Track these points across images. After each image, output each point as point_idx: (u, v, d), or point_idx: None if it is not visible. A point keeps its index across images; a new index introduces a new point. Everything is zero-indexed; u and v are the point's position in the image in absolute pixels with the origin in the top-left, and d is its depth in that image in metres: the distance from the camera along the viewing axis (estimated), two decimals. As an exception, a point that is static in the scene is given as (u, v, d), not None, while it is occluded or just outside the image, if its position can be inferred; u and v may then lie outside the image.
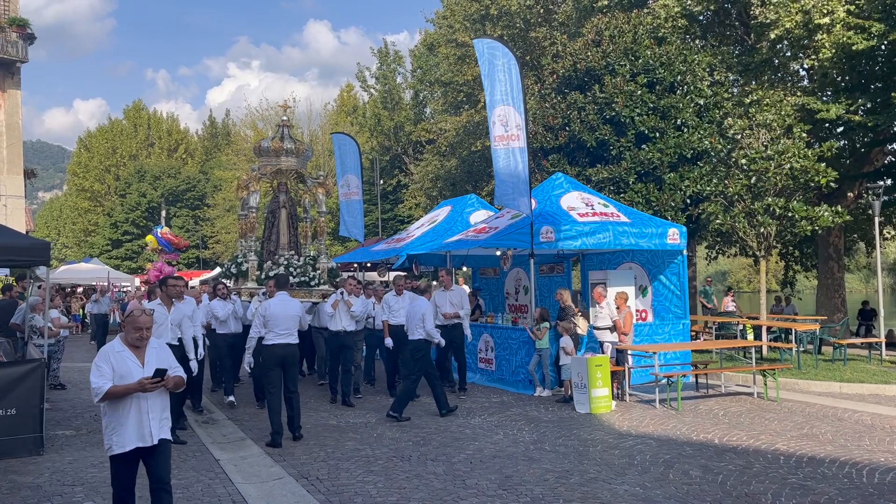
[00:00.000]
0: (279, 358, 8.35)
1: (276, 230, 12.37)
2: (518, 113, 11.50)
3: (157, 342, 4.87)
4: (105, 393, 4.47)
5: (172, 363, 4.79)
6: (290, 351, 8.44)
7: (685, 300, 12.88)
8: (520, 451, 7.76)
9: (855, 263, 33.95)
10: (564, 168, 16.18)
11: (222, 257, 50.28)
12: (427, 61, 37.31)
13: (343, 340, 10.62)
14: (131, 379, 4.53)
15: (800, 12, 16.09)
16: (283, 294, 8.73)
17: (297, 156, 12.45)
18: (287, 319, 8.41)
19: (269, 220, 12.53)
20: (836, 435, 8.41)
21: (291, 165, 12.33)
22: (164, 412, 4.72)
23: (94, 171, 64.32)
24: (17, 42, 25.43)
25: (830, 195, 18.39)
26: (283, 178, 12.46)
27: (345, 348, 10.62)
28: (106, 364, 4.56)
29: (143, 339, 4.67)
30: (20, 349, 10.73)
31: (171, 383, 4.64)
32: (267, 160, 12.36)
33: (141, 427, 4.58)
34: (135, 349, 4.67)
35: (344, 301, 10.64)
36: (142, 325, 4.65)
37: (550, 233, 11.51)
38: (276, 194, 12.62)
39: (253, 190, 11.98)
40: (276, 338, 8.36)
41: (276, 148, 12.26)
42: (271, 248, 12.28)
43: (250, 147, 47.97)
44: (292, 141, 12.40)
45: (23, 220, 27.63)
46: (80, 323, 25.80)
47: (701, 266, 32.34)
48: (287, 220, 12.43)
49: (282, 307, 8.46)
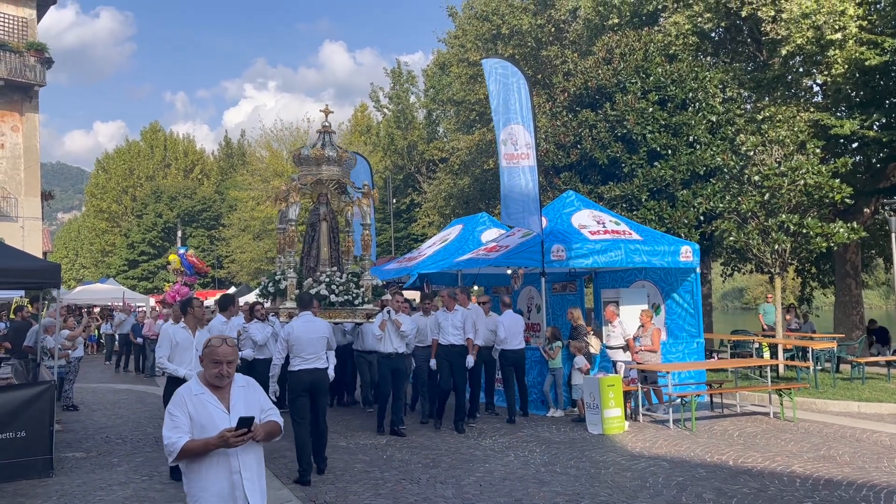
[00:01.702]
0: (306, 385, 7.70)
1: (316, 244, 11.36)
2: (528, 131, 11.50)
3: (246, 379, 3.82)
4: (180, 450, 3.44)
5: (265, 405, 3.77)
6: (318, 377, 7.78)
7: (699, 318, 12.74)
8: (530, 473, 7.66)
9: (874, 279, 33.54)
10: (577, 186, 16.13)
11: (237, 277, 50.50)
12: (440, 81, 37.49)
13: (396, 364, 9.86)
14: (214, 430, 3.49)
15: (811, 28, 16.01)
16: (307, 314, 8.06)
17: (340, 164, 11.39)
18: (313, 342, 7.77)
19: (308, 233, 11.54)
20: (854, 457, 8.24)
21: (334, 175, 11.25)
22: (260, 471, 3.66)
23: (112, 193, 65.04)
24: (35, 66, 25.85)
25: (846, 211, 18.18)
26: (324, 188, 11.44)
27: (398, 372, 9.88)
28: (181, 411, 3.55)
29: (225, 376, 3.65)
30: (32, 371, 10.78)
31: (262, 433, 3.56)
32: (307, 169, 11.30)
33: (233, 492, 3.52)
34: (216, 390, 3.65)
35: (392, 321, 9.82)
36: (222, 359, 3.63)
37: (562, 251, 11.45)
38: (317, 206, 11.56)
39: (292, 201, 10.93)
40: (302, 363, 7.73)
41: (317, 156, 11.15)
42: (311, 265, 11.28)
43: (265, 167, 48.38)
44: (334, 148, 11.36)
45: (40, 241, 27.93)
46: (96, 343, 25.93)
47: (717, 283, 32.06)
48: (328, 233, 11.42)
49: (307, 329, 7.82)
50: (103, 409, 12.69)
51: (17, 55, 25.54)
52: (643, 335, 11.24)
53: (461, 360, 10.40)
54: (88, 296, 31.82)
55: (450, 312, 10.52)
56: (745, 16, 17.47)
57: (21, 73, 25.52)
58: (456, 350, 10.31)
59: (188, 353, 7.50)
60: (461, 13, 31.93)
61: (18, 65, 25.49)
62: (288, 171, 47.30)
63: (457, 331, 10.38)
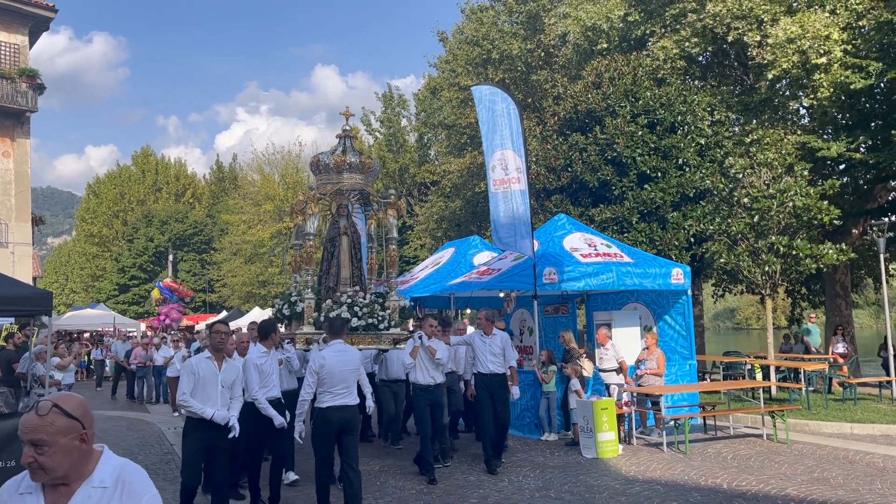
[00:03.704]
0: (336, 425, 6.73)
1: (336, 262, 10.12)
2: (518, 156, 11.58)
3: (118, 480, 2.36)
4: None
5: None
6: (349, 415, 6.81)
7: (691, 340, 12.79)
8: (525, 498, 7.63)
9: (864, 299, 33.74)
10: (567, 208, 16.23)
11: (229, 301, 50.30)
12: (431, 104, 37.79)
13: (434, 396, 8.78)
14: None
15: (797, 53, 16.26)
16: (338, 343, 7.02)
17: (363, 172, 10.09)
18: (346, 375, 6.79)
19: (327, 249, 10.22)
20: (848, 479, 8.25)
21: (357, 183, 10.04)
22: None
23: (103, 217, 64.90)
24: (27, 92, 25.88)
25: (835, 232, 18.34)
26: (345, 199, 10.25)
27: (437, 407, 8.84)
28: None
29: (35, 468, 2.26)
30: (23, 399, 10.70)
31: None
32: (326, 178, 10.04)
33: None
34: (47, 490, 2.29)
35: (425, 347, 8.75)
36: (24, 436, 2.25)
37: (553, 274, 11.50)
38: (336, 219, 10.33)
39: (311, 213, 9.69)
40: (331, 399, 6.73)
41: (338, 163, 9.90)
42: (331, 284, 10.00)
43: (257, 191, 48.41)
44: (356, 154, 10.09)
45: (30, 267, 27.77)
46: (86, 369, 25.74)
47: (708, 303, 32.18)
48: (349, 249, 10.17)
49: (339, 360, 6.81)
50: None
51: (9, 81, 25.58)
52: (648, 358, 11.26)
53: (504, 391, 9.26)
54: (78, 321, 31.66)
55: (488, 336, 9.36)
56: (732, 41, 17.74)
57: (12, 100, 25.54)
58: (497, 380, 9.21)
59: (212, 389, 6.36)
60: (452, 38, 32.27)
61: (10, 91, 25.51)
62: (280, 194, 47.42)
63: (496, 357, 9.25)
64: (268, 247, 45.99)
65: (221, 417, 6.26)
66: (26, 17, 26.77)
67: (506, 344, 9.38)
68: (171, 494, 8.12)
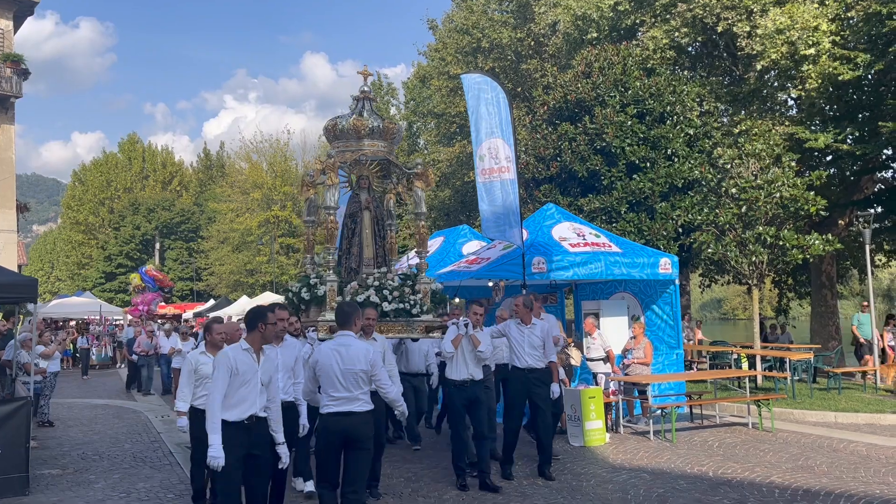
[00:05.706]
0: (337, 436, 5.56)
1: (357, 240, 8.97)
2: (508, 145, 11.54)
3: None
4: None
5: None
6: (354, 424, 5.56)
7: (678, 330, 12.85)
8: (512, 486, 7.66)
9: (849, 290, 34.01)
10: (556, 198, 16.25)
11: (216, 289, 50.10)
12: (420, 93, 37.64)
13: (474, 393, 7.62)
14: None
15: (785, 44, 16.30)
16: (345, 335, 5.74)
17: (386, 139, 8.95)
18: (346, 376, 5.56)
19: (347, 226, 9.06)
20: (832, 467, 8.34)
21: (379, 151, 8.90)
22: None
23: (89, 204, 64.35)
24: (11, 78, 25.59)
25: (821, 223, 18.46)
26: (364, 169, 9.00)
27: (476, 403, 7.64)
28: None
29: None
30: (8, 387, 10.63)
31: None
32: (345, 144, 8.89)
33: None
34: None
35: (469, 336, 7.62)
36: None
37: (542, 263, 11.51)
38: (356, 192, 9.15)
39: (330, 184, 8.48)
40: (332, 404, 5.58)
41: (358, 127, 8.69)
42: (352, 265, 8.88)
43: (245, 179, 48.15)
44: (378, 118, 8.95)
45: (15, 254, 27.55)
46: (71, 357, 25.56)
47: (695, 294, 32.37)
48: (372, 225, 9.03)
49: (339, 357, 5.60)
50: (80, 425, 12.51)
51: (-7, 66, 25.29)
52: (636, 347, 11.33)
53: (543, 389, 8.06)
54: (64, 309, 31.42)
55: (526, 326, 8.08)
56: (721, 31, 17.76)
57: (-3, 85, 25.26)
58: (535, 375, 7.98)
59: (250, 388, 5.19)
60: (441, 27, 32.14)
61: (-6, 77, 25.23)
62: (268, 182, 47.19)
63: (535, 350, 8.00)
64: (255, 235, 45.80)
65: (284, 454, 5.46)
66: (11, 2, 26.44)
67: (546, 335, 8.11)
68: (157, 482, 8.12)
